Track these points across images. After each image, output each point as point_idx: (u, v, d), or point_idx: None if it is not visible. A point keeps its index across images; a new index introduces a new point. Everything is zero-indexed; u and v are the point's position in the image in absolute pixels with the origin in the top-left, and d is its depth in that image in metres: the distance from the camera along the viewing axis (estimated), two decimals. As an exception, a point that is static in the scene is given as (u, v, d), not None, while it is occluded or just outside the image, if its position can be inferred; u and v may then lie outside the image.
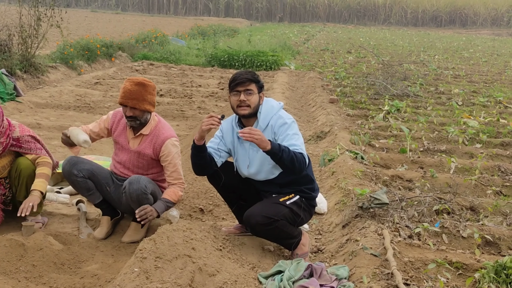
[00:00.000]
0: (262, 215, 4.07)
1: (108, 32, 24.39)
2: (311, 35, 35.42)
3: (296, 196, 4.29)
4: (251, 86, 4.18)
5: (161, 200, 4.63)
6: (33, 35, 11.65)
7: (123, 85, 4.59)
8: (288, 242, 4.36)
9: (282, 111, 4.33)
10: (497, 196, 6.01)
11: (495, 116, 9.98)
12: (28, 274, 3.99)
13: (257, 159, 4.26)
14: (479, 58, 23.10)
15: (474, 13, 60.20)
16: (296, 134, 4.16)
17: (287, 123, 4.17)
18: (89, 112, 9.83)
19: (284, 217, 4.15)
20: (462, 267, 4.06)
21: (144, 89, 4.55)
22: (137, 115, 4.59)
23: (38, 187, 4.67)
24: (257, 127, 4.19)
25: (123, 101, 4.54)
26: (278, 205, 4.18)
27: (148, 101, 4.58)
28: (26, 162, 4.75)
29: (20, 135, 4.74)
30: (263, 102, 4.28)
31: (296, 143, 4.08)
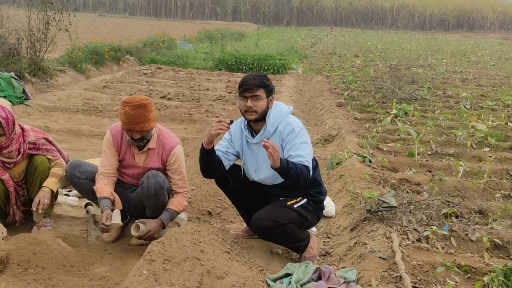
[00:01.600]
0: (269, 219, 4.07)
1: (116, 36, 24.47)
2: (318, 39, 35.42)
3: (304, 199, 4.29)
4: (259, 91, 4.17)
5: (167, 210, 4.63)
6: (41, 39, 11.69)
7: (123, 110, 4.46)
8: (296, 246, 4.36)
9: (291, 117, 4.31)
10: (505, 199, 5.98)
11: (504, 119, 9.95)
12: (37, 276, 4.00)
13: (265, 163, 4.25)
14: (487, 62, 23.04)
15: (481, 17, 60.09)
16: (305, 143, 4.15)
17: (296, 130, 4.16)
18: (97, 116, 9.86)
19: (291, 220, 4.15)
20: (471, 271, 4.04)
21: (146, 109, 4.47)
22: (145, 135, 4.59)
23: (49, 184, 4.75)
24: (265, 131, 4.21)
25: (129, 127, 4.48)
26: (286, 209, 4.19)
27: (151, 119, 4.54)
28: (41, 159, 4.81)
29: (36, 138, 4.82)
30: (273, 106, 4.27)
31: (302, 153, 4.07)
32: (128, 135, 4.58)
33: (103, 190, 4.60)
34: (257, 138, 4.28)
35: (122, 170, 4.85)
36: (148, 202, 4.60)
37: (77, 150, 7.45)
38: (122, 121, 4.51)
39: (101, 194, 4.58)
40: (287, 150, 4.14)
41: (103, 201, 4.55)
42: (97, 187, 4.63)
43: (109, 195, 4.58)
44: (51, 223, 4.94)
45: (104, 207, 4.52)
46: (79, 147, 7.66)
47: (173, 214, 4.67)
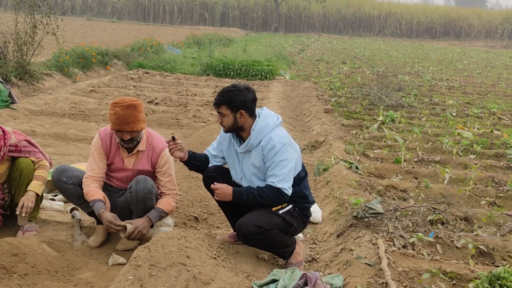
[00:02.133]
0: (253, 224, 4.08)
1: (103, 40, 24.39)
2: (306, 45, 35.51)
3: (290, 205, 4.30)
4: (221, 109, 4.20)
5: (155, 209, 4.63)
6: (28, 43, 11.64)
7: (113, 111, 4.48)
8: (282, 251, 4.36)
9: (277, 131, 4.26)
10: (491, 206, 6.03)
11: (489, 127, 10.02)
12: (22, 281, 3.97)
13: (248, 173, 4.31)
14: (473, 70, 23.21)
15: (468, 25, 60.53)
16: (284, 160, 4.12)
17: (276, 148, 4.13)
18: (84, 120, 9.82)
19: (276, 226, 4.16)
20: (456, 277, 4.06)
21: (136, 109, 4.49)
22: (134, 136, 4.59)
23: (34, 188, 4.70)
24: (249, 144, 4.23)
25: (119, 127, 4.48)
26: (270, 215, 4.19)
27: (141, 120, 4.56)
28: (26, 161, 4.78)
29: (17, 141, 4.77)
30: (260, 118, 4.25)
31: (278, 173, 4.10)
32: (118, 136, 4.57)
33: (96, 193, 4.57)
34: (242, 148, 4.30)
35: (111, 174, 4.83)
36: (135, 207, 4.58)
37: (63, 155, 7.40)
38: (112, 122, 4.50)
39: (94, 197, 4.55)
40: (267, 167, 4.18)
41: (98, 204, 4.51)
42: (89, 190, 4.60)
43: (102, 198, 4.57)
44: (36, 227, 4.90)
45: (100, 209, 4.49)
46: (65, 151, 7.62)
47: (161, 213, 4.65)
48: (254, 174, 4.26)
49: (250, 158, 4.26)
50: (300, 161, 4.38)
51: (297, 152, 4.30)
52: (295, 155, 4.23)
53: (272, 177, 4.12)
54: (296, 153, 4.25)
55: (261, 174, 4.25)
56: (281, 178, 4.09)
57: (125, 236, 4.46)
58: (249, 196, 4.14)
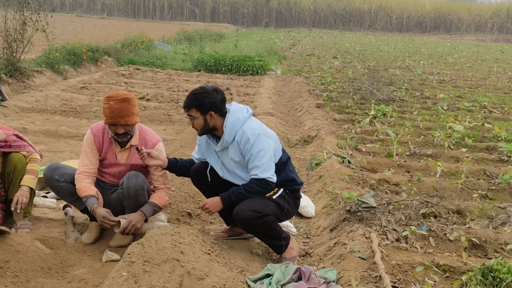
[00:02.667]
0: (250, 209, 4.11)
1: (93, 36, 24.29)
2: (297, 40, 35.50)
3: (280, 189, 4.37)
4: (190, 111, 4.25)
5: (149, 203, 4.62)
6: (18, 40, 11.57)
7: (107, 104, 4.49)
8: (277, 244, 4.38)
9: (248, 123, 4.30)
10: (483, 199, 6.06)
11: (480, 120, 10.06)
12: (15, 279, 3.96)
13: (230, 167, 4.37)
14: (463, 64, 23.28)
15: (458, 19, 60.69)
16: (262, 150, 4.18)
17: (250, 140, 4.18)
18: (75, 117, 9.78)
19: (272, 211, 4.21)
20: (449, 270, 4.08)
21: (130, 103, 4.51)
22: (128, 130, 4.60)
23: (27, 183, 4.69)
24: (224, 141, 4.27)
25: (113, 120, 4.49)
26: (265, 200, 4.24)
27: (135, 113, 4.58)
28: (19, 156, 4.75)
29: (6, 136, 4.73)
30: (230, 114, 4.28)
31: (258, 164, 4.17)
32: (112, 130, 4.57)
33: (88, 189, 4.56)
34: (218, 146, 4.35)
35: (103, 170, 4.82)
36: (128, 203, 4.57)
37: (55, 152, 7.38)
38: (106, 115, 4.50)
39: (87, 193, 4.54)
40: (246, 160, 4.25)
41: (91, 199, 4.51)
42: (81, 186, 4.59)
43: (95, 193, 4.56)
44: (29, 225, 4.88)
45: (93, 205, 4.48)
46: (57, 148, 7.59)
47: (155, 207, 4.65)
48: (236, 168, 4.33)
49: (229, 154, 4.32)
50: (279, 147, 4.43)
51: (273, 139, 4.35)
52: (271, 142, 4.28)
53: (254, 169, 4.18)
54: (272, 141, 4.30)
55: (243, 167, 4.32)
56: (263, 168, 4.16)
57: (120, 231, 4.44)
58: (237, 196, 4.20)
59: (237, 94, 12.87)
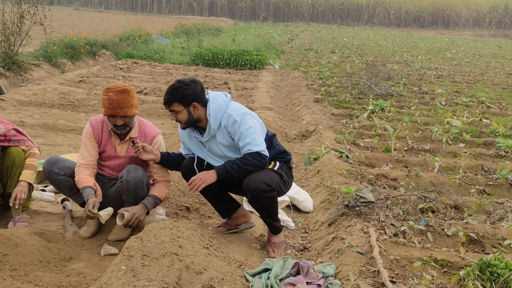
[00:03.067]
0: (262, 182, 4.15)
1: (91, 30, 24.23)
2: (295, 35, 35.46)
3: (277, 162, 4.43)
4: (173, 106, 4.25)
5: (150, 196, 4.62)
6: (16, 33, 11.54)
7: (106, 96, 4.49)
8: (275, 225, 4.49)
9: (231, 106, 4.35)
10: (480, 194, 6.08)
11: (478, 116, 10.07)
12: (14, 272, 3.95)
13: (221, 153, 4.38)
14: (461, 59, 23.28)
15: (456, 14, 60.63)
16: (249, 128, 4.22)
17: (237, 121, 4.22)
18: (73, 110, 9.76)
19: (277, 185, 4.28)
20: (447, 265, 4.09)
21: (129, 94, 4.52)
22: (127, 122, 4.60)
23: (26, 178, 4.68)
24: (210, 130, 4.29)
25: (112, 112, 4.49)
26: (272, 173, 4.31)
27: (134, 105, 4.59)
28: (18, 151, 4.74)
29: (6, 130, 4.72)
30: (210, 102, 4.30)
31: (249, 140, 4.20)
32: (111, 122, 4.57)
33: (86, 180, 4.56)
34: (205, 137, 4.36)
35: (102, 163, 4.83)
36: (127, 196, 4.57)
37: (53, 145, 7.37)
38: (105, 107, 4.50)
39: (84, 184, 4.53)
40: (236, 141, 4.27)
41: (87, 190, 4.50)
42: (80, 177, 4.59)
43: (92, 185, 4.56)
44: (27, 218, 4.88)
45: (89, 195, 4.46)
46: (55, 142, 7.58)
47: (156, 200, 4.64)
48: (228, 151, 4.35)
49: (217, 141, 4.33)
50: (263, 125, 4.49)
51: (256, 118, 4.40)
52: (255, 121, 4.33)
53: (246, 146, 4.20)
54: (255, 119, 4.36)
55: (234, 149, 4.34)
56: (254, 143, 4.19)
57: (123, 224, 4.44)
58: (232, 167, 4.18)
59: (235, 88, 12.86)
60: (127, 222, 4.42)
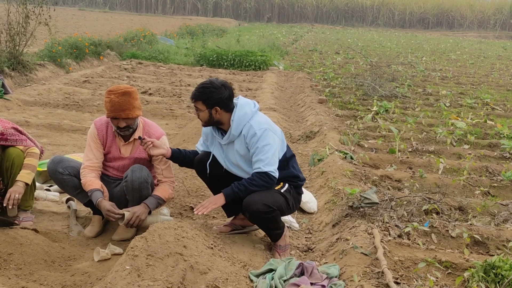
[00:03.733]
0: (262, 203, 4.14)
1: (96, 30, 24.28)
2: (299, 36, 35.45)
3: (286, 184, 4.42)
4: (197, 104, 4.30)
5: (152, 196, 4.63)
6: (21, 33, 11.56)
7: (108, 98, 4.50)
8: (276, 233, 4.46)
9: (256, 118, 4.35)
10: (485, 196, 6.07)
11: (483, 117, 10.05)
12: (19, 271, 3.97)
13: (235, 160, 4.40)
14: (466, 60, 23.24)
15: (461, 16, 60.54)
16: (267, 145, 4.22)
17: (257, 134, 4.23)
18: (77, 111, 9.79)
19: (280, 207, 4.26)
20: (451, 266, 4.09)
21: (131, 96, 4.52)
22: (130, 124, 4.60)
23: (22, 178, 4.63)
24: (230, 135, 4.31)
25: (114, 114, 4.49)
26: (276, 194, 4.29)
27: (137, 107, 4.58)
28: (17, 151, 4.70)
29: (3, 129, 4.67)
30: (237, 109, 4.31)
31: (262, 157, 4.20)
32: (114, 124, 4.57)
33: (93, 183, 4.58)
34: (224, 140, 4.38)
35: (107, 164, 4.83)
36: (131, 196, 4.58)
37: (58, 145, 7.39)
38: (107, 109, 4.51)
39: (92, 187, 4.55)
40: (251, 154, 4.28)
41: (96, 193, 4.52)
42: (86, 180, 4.60)
43: (100, 187, 4.58)
44: (32, 218, 4.89)
45: (98, 198, 4.50)
46: (59, 142, 7.60)
47: (158, 200, 4.65)
48: (241, 161, 4.36)
49: (234, 147, 4.36)
50: (284, 143, 4.48)
51: (278, 135, 4.39)
52: (277, 138, 4.32)
53: (258, 163, 4.21)
54: (277, 137, 4.34)
55: (247, 161, 4.35)
56: (266, 162, 4.19)
57: (124, 223, 4.45)
58: (240, 188, 4.21)
59: (239, 89, 12.87)
60: (127, 221, 4.43)
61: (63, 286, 3.85)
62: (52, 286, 3.84)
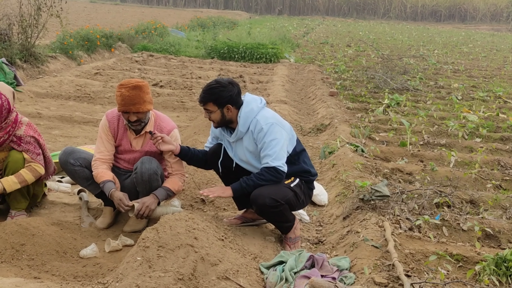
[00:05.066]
0: (270, 197, 4.15)
1: (107, 23, 24.33)
2: (310, 28, 35.34)
3: (297, 179, 4.43)
4: (207, 106, 4.30)
5: (162, 187, 4.63)
6: (33, 25, 11.61)
7: (118, 92, 4.49)
8: (285, 225, 4.46)
9: (262, 113, 4.34)
10: (496, 190, 6.04)
11: (495, 110, 9.99)
12: (31, 262, 4.01)
13: (244, 157, 4.42)
14: (478, 53, 23.09)
15: (473, 8, 60.07)
16: (274, 140, 4.22)
17: (264, 129, 4.23)
18: (89, 103, 9.83)
19: (288, 201, 4.27)
20: (462, 260, 4.08)
21: (142, 90, 4.50)
22: (141, 118, 4.59)
23: (5, 182, 4.53)
24: (238, 132, 4.32)
25: (125, 108, 4.49)
26: (285, 188, 4.30)
27: (148, 101, 4.56)
28: (17, 157, 4.63)
29: (24, 134, 4.64)
30: (244, 105, 4.32)
31: (270, 152, 4.20)
32: (125, 118, 4.58)
33: (105, 174, 4.60)
34: (232, 137, 4.40)
35: (118, 156, 4.84)
36: (141, 187, 4.59)
37: (69, 137, 7.43)
38: (118, 103, 4.51)
39: (104, 178, 4.57)
40: (259, 149, 4.29)
41: (108, 184, 4.54)
42: (98, 171, 4.61)
43: (112, 178, 4.59)
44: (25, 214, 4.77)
45: (111, 189, 4.51)
46: (71, 133, 7.64)
47: (168, 191, 4.65)
48: (251, 158, 4.38)
49: (243, 144, 4.37)
50: (293, 137, 4.47)
51: (286, 129, 4.38)
52: (284, 133, 4.31)
53: (265, 158, 4.22)
54: (285, 131, 4.33)
55: (257, 157, 4.37)
56: (274, 156, 4.19)
57: (134, 214, 4.45)
58: (248, 183, 4.23)
59: (250, 82, 12.86)
60: (137, 211, 4.43)
61: (75, 277, 3.87)
62: (64, 277, 3.87)
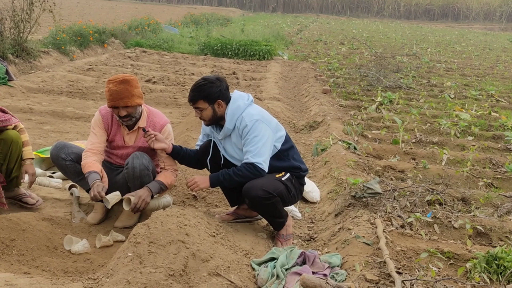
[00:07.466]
0: (262, 189, 4.15)
1: (100, 18, 24.23)
2: (304, 26, 35.34)
3: (287, 173, 4.43)
4: (198, 104, 4.29)
5: (155, 181, 4.62)
6: (25, 20, 11.54)
7: (107, 88, 4.48)
8: (278, 221, 4.46)
9: (248, 110, 4.35)
10: (488, 188, 6.06)
11: (487, 109, 10.03)
12: (21, 257, 3.98)
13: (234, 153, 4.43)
14: (471, 52, 23.15)
15: (466, 7, 60.25)
16: (256, 136, 4.22)
17: (248, 126, 4.24)
18: (81, 98, 9.78)
19: (280, 194, 4.27)
20: (453, 257, 4.09)
21: (129, 84, 4.47)
22: (131, 112, 4.56)
23: (29, 155, 4.74)
24: (225, 129, 4.33)
25: (113, 103, 4.47)
26: (276, 181, 4.30)
27: (136, 95, 4.53)
28: (13, 136, 4.68)
29: None
30: (231, 102, 4.33)
31: (251, 149, 4.22)
32: (115, 113, 4.56)
33: (93, 165, 4.48)
34: (221, 135, 4.42)
35: (111, 151, 4.82)
36: (133, 183, 4.57)
37: (61, 132, 7.39)
38: (107, 99, 4.50)
39: (91, 169, 4.45)
40: (242, 145, 4.31)
41: (93, 175, 4.39)
42: (86, 161, 4.52)
43: (99, 171, 4.49)
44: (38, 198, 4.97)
45: (95, 179, 4.36)
46: (63, 129, 7.61)
47: (161, 185, 4.63)
48: (239, 154, 4.39)
49: (231, 141, 4.39)
50: (281, 134, 4.46)
51: (272, 126, 4.37)
52: (269, 130, 4.31)
53: (246, 154, 4.24)
54: (270, 129, 4.32)
55: None
56: (254, 153, 4.21)
57: (131, 208, 4.41)
58: (225, 177, 4.26)
59: (243, 79, 12.85)
60: (134, 205, 4.40)
61: (65, 272, 3.86)
62: (54, 272, 3.85)
